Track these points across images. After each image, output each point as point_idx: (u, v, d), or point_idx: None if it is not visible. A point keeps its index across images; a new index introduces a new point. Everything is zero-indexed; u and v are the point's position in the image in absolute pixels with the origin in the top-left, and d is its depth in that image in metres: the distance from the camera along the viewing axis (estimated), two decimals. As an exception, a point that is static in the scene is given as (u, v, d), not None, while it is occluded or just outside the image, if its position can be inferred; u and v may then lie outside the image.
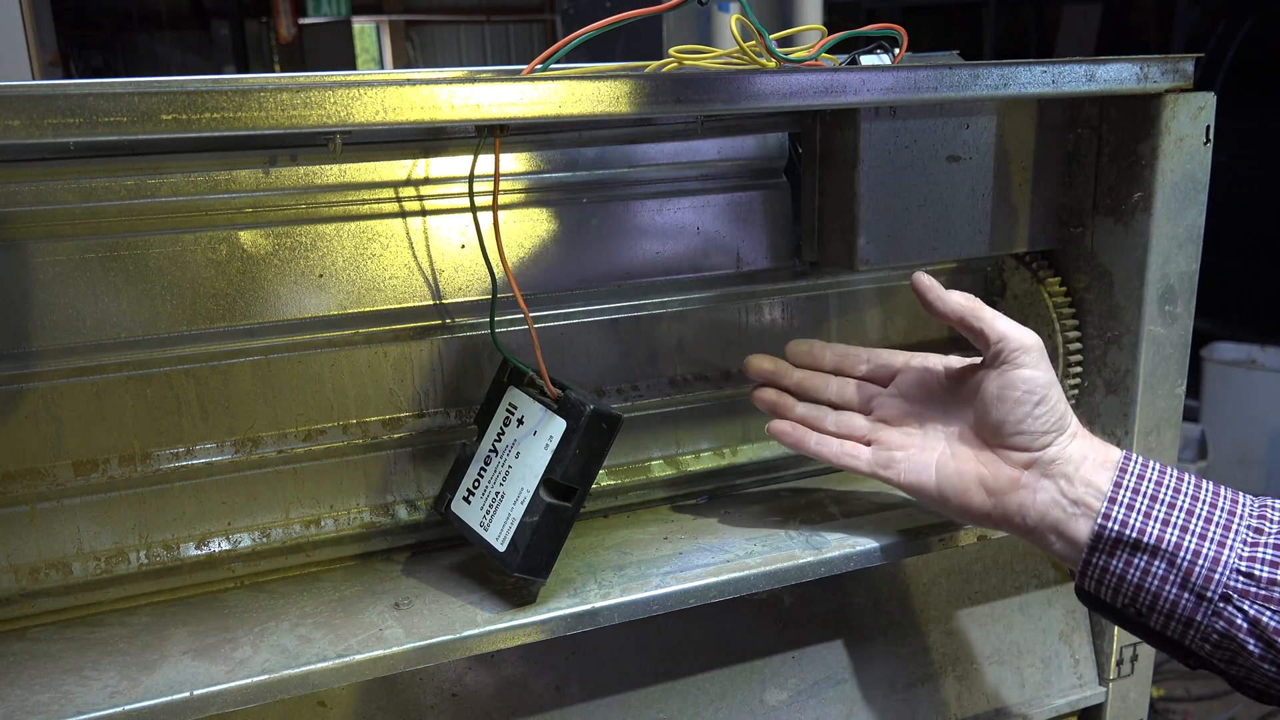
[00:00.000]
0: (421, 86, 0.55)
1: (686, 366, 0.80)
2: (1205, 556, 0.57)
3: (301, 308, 0.68)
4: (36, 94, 0.47)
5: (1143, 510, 0.59)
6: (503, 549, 0.62)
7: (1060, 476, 0.62)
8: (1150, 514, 0.59)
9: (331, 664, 0.59)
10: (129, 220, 0.63)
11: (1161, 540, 0.58)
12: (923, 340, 0.87)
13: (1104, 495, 0.60)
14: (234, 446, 0.68)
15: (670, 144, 0.75)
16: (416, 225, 0.69)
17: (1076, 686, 0.85)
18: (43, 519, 0.64)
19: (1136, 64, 0.71)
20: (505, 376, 0.68)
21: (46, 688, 0.57)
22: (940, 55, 0.88)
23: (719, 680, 0.75)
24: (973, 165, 0.76)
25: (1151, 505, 0.59)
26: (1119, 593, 0.60)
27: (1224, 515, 0.59)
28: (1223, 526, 0.58)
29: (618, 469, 0.79)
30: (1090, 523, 0.61)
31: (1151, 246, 0.74)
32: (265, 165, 0.65)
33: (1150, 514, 0.59)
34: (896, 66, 0.69)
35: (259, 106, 0.51)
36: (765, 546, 0.71)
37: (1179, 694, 2.31)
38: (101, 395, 0.64)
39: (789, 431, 0.71)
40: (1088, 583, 0.62)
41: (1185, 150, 0.74)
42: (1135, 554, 0.59)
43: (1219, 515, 0.59)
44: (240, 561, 0.69)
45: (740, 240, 0.79)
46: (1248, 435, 3.08)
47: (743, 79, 0.61)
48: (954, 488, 0.66)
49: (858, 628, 0.79)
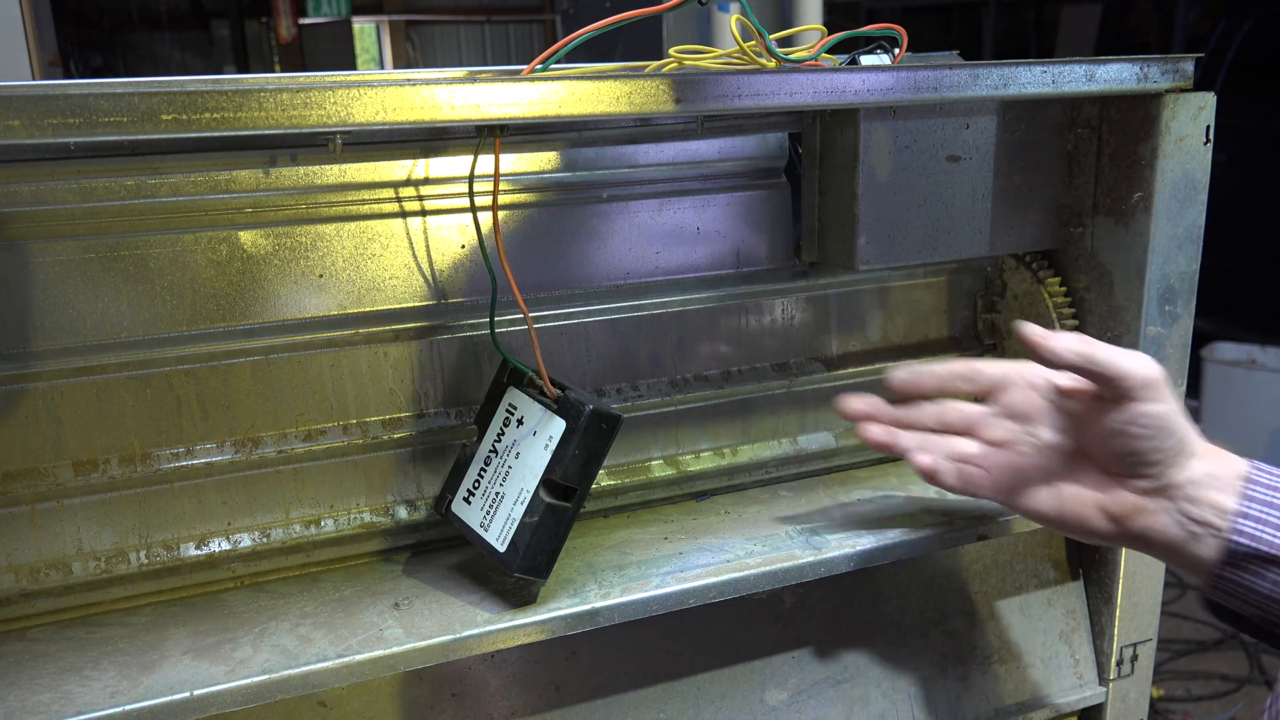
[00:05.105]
0: (421, 86, 0.55)
1: (686, 366, 0.80)
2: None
3: (301, 308, 0.68)
4: (36, 94, 0.47)
5: (1275, 524, 0.58)
6: (503, 549, 0.62)
7: (1183, 499, 0.61)
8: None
9: (331, 664, 0.59)
10: (129, 220, 0.63)
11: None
12: (923, 340, 0.87)
13: (1231, 513, 0.59)
14: (234, 446, 0.68)
15: (670, 144, 0.76)
16: (416, 225, 0.69)
17: (1076, 686, 0.85)
18: (43, 519, 0.64)
19: (1136, 64, 0.71)
20: (505, 377, 0.68)
21: (47, 688, 0.57)
22: (940, 55, 0.88)
23: (719, 680, 0.75)
24: (973, 165, 0.76)
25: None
26: (1251, 604, 0.60)
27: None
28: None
29: (618, 469, 0.79)
30: (1217, 541, 0.60)
31: (1151, 246, 0.74)
32: (265, 165, 0.65)
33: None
34: (896, 66, 0.69)
35: (259, 106, 0.51)
36: (765, 546, 0.71)
37: (1179, 694, 2.31)
38: (101, 395, 0.64)
39: (936, 469, 0.67)
40: (1218, 594, 0.61)
41: (1185, 150, 0.74)
42: (1268, 567, 0.58)
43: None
44: (240, 561, 0.69)
45: (740, 240, 0.79)
46: (1248, 435, 3.08)
47: (743, 79, 0.61)
48: (1075, 514, 0.64)
49: (858, 628, 0.79)
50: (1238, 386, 3.15)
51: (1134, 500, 0.62)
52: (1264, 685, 2.31)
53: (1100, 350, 0.60)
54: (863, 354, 0.86)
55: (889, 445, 0.69)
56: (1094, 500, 0.63)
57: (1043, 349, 0.61)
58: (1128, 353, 0.60)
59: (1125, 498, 0.62)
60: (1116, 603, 0.83)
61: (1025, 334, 0.61)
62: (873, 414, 0.70)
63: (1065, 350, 0.60)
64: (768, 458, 0.83)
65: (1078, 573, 0.86)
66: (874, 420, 0.70)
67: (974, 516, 0.75)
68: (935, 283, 0.87)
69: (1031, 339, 0.61)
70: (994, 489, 0.67)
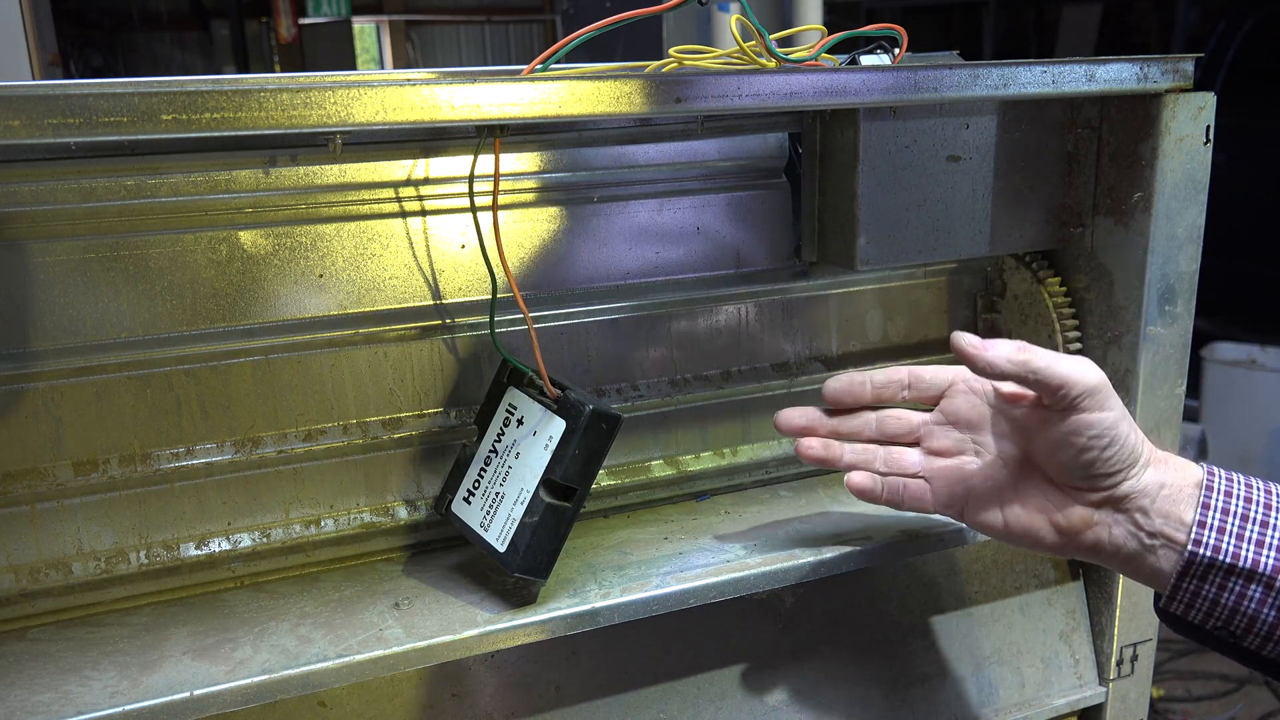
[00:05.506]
0: (421, 86, 0.55)
1: (686, 366, 0.80)
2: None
3: (301, 308, 0.68)
4: (36, 94, 0.47)
5: (1234, 533, 0.57)
6: (503, 549, 0.62)
7: (1136, 510, 0.59)
8: (1243, 535, 0.56)
9: (331, 664, 0.59)
10: (129, 220, 0.63)
11: (1258, 564, 0.56)
12: (923, 340, 0.87)
13: (1187, 525, 0.57)
14: (234, 446, 0.68)
15: (670, 144, 0.75)
16: (416, 225, 0.69)
17: (1076, 686, 0.85)
18: (43, 519, 0.64)
19: (1136, 64, 0.71)
20: (505, 377, 0.68)
21: (47, 688, 0.57)
22: (940, 55, 0.88)
23: (719, 680, 0.75)
24: (973, 165, 0.76)
25: (1243, 526, 0.57)
26: (1211, 616, 0.58)
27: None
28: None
29: (618, 469, 0.79)
30: (1173, 553, 0.58)
31: (1151, 246, 0.74)
32: (265, 165, 0.65)
33: (1243, 535, 0.56)
34: (896, 66, 0.69)
35: (259, 106, 0.51)
36: (765, 546, 0.71)
37: (1179, 694, 2.31)
38: (101, 395, 0.64)
39: (870, 487, 0.65)
40: (1175, 606, 0.59)
41: (1185, 150, 0.74)
42: (1230, 579, 0.56)
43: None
44: (240, 561, 0.69)
45: (740, 240, 0.79)
46: (1248, 435, 3.08)
47: (743, 79, 0.61)
48: (1023, 528, 0.62)
49: (858, 628, 0.79)
50: (1238, 386, 3.15)
51: (1083, 513, 0.60)
52: (1264, 685, 2.32)
53: (1038, 357, 0.57)
54: (863, 354, 0.86)
55: (827, 460, 0.66)
56: (1043, 513, 0.61)
57: (978, 361, 0.58)
58: (1068, 359, 0.57)
59: (1075, 510, 0.60)
60: (1116, 603, 0.83)
61: (958, 345, 0.58)
62: (810, 427, 0.67)
63: (1000, 360, 0.57)
64: (768, 458, 0.83)
65: (1078, 573, 0.86)
66: (812, 434, 0.67)
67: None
68: (935, 283, 0.87)
69: (964, 350, 0.58)
70: (937, 503, 0.65)
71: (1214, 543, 0.57)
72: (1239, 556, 0.56)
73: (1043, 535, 0.62)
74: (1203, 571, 0.57)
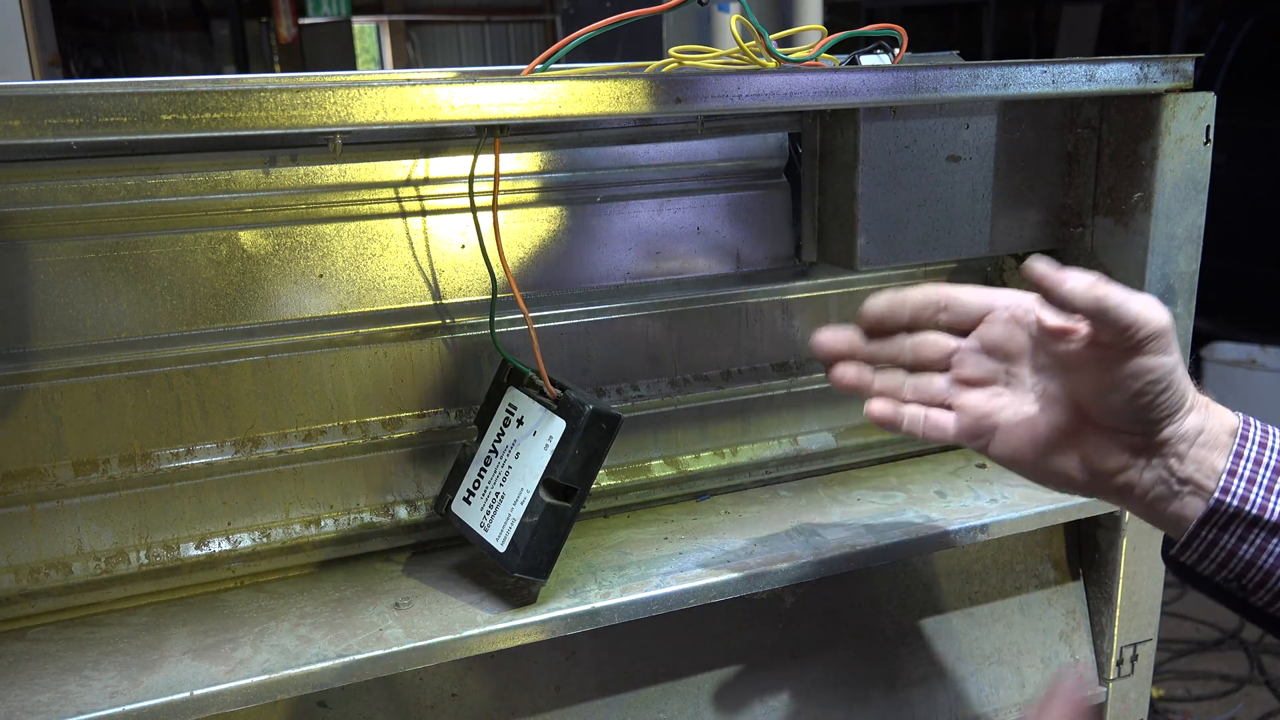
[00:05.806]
0: (421, 86, 0.55)
1: (686, 366, 0.80)
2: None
3: (301, 308, 0.68)
4: (36, 94, 0.47)
5: (1264, 484, 0.55)
6: (503, 549, 0.62)
7: (1172, 455, 0.57)
8: (1273, 488, 0.55)
9: (331, 664, 0.59)
10: (129, 220, 0.63)
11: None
12: (923, 340, 0.87)
13: (1218, 472, 0.56)
14: (234, 446, 0.68)
15: (670, 144, 0.75)
16: (416, 225, 0.69)
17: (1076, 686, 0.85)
18: (43, 519, 0.64)
19: (1136, 64, 0.71)
20: (505, 377, 0.68)
21: (47, 688, 0.57)
22: (940, 55, 0.88)
23: (719, 680, 0.75)
24: (973, 165, 0.76)
25: (1275, 479, 0.56)
26: (1225, 567, 0.57)
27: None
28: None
29: (618, 469, 0.79)
30: (1199, 500, 0.56)
31: (1151, 246, 0.74)
32: (265, 165, 0.65)
33: (1273, 488, 0.55)
34: (896, 66, 0.69)
35: (259, 106, 0.51)
36: (765, 546, 0.71)
37: (1179, 694, 2.31)
38: (101, 395, 0.64)
39: (890, 416, 0.62)
40: (1189, 555, 0.57)
41: (1185, 150, 0.74)
42: (1252, 530, 0.55)
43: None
44: (240, 561, 0.69)
45: (740, 240, 0.79)
46: (1248, 435, 3.08)
47: (743, 79, 0.61)
48: (1053, 465, 0.60)
49: (858, 628, 0.79)
50: (1238, 386, 3.15)
51: (1120, 458, 0.58)
52: (1264, 685, 2.32)
53: (1113, 294, 0.54)
54: (863, 354, 0.85)
55: (859, 388, 0.63)
56: (1075, 450, 0.59)
57: (1056, 292, 0.54)
58: (1139, 297, 0.54)
59: (1111, 453, 0.58)
60: (1116, 603, 0.83)
61: (1035, 271, 0.55)
62: (849, 352, 0.64)
63: (1079, 294, 0.54)
64: (768, 458, 0.83)
65: (1078, 573, 0.86)
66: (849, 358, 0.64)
67: (974, 516, 0.75)
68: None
69: (1042, 278, 0.54)
70: (960, 432, 0.62)
71: (1242, 492, 0.56)
72: (1265, 509, 0.55)
73: (1073, 474, 0.60)
74: (1225, 521, 0.56)
